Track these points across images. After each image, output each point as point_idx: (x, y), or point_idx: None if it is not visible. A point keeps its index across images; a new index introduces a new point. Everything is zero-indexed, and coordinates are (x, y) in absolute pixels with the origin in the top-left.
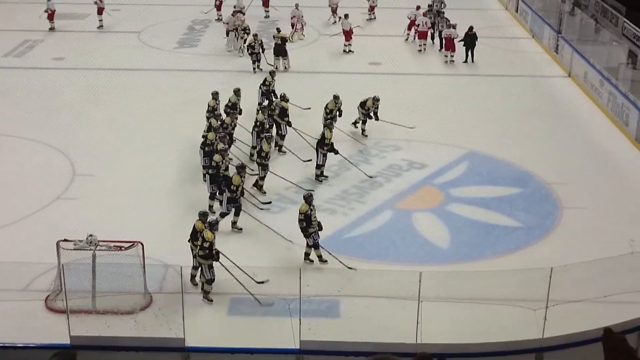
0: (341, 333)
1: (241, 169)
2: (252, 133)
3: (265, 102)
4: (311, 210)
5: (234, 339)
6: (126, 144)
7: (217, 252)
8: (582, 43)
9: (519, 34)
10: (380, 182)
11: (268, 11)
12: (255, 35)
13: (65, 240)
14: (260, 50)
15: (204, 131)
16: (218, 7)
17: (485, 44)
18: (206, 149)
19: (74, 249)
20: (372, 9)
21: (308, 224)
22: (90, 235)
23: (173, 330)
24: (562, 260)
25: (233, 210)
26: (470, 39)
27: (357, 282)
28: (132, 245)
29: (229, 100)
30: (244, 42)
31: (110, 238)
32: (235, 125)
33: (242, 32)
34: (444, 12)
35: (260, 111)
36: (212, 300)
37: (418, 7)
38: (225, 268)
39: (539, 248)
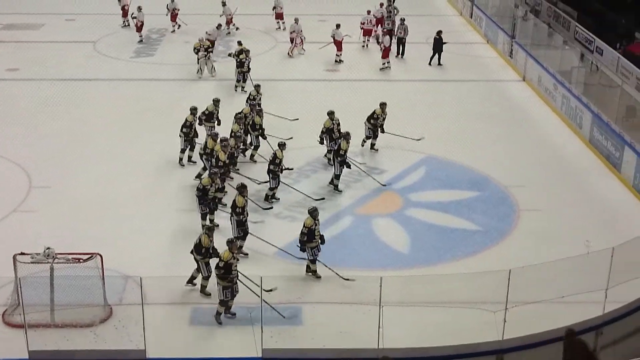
0: (303, 340)
1: (243, 188)
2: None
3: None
4: (316, 224)
5: (196, 349)
6: (83, 155)
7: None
8: (535, 47)
9: (474, 39)
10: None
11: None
12: (247, 52)
13: (22, 253)
14: (248, 69)
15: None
16: (173, 19)
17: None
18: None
19: (31, 262)
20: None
21: (310, 238)
22: (48, 248)
23: (134, 342)
24: (520, 262)
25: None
26: (437, 43)
27: (318, 289)
28: (91, 257)
29: (206, 109)
30: (237, 57)
31: (68, 250)
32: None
33: (205, 52)
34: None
35: (235, 121)
36: (221, 323)
37: (369, 12)
38: (244, 284)
39: (497, 250)
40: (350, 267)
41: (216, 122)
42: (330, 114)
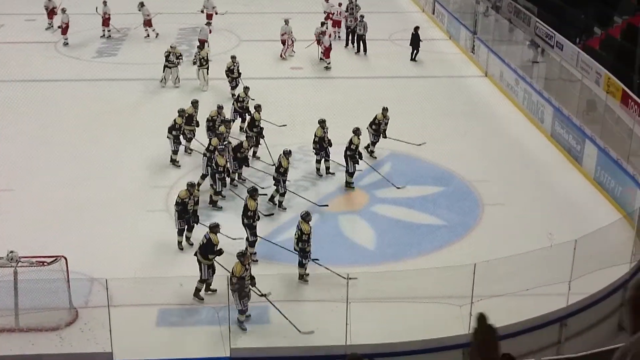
0: (271, 339)
1: (254, 192)
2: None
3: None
4: (310, 229)
5: (164, 351)
6: (47, 157)
7: (252, 277)
8: (497, 43)
9: (436, 35)
10: (305, 186)
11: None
12: (233, 57)
13: None
14: (239, 74)
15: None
16: (105, 22)
17: (404, 46)
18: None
19: None
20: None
21: (307, 244)
22: (11, 252)
23: (100, 345)
24: (485, 256)
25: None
26: (414, 39)
27: (286, 287)
28: (55, 260)
29: (185, 112)
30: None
31: (32, 254)
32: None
33: (176, 59)
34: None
35: (223, 124)
36: (245, 329)
37: (340, 4)
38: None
39: (462, 245)
40: (317, 264)
41: (195, 125)
42: (322, 122)
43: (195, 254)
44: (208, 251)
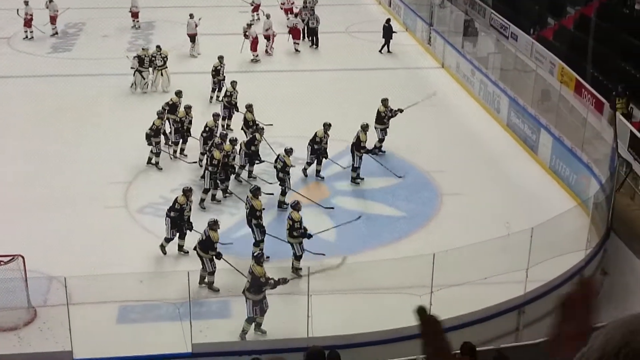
0: (233, 333)
1: (257, 190)
2: (199, 139)
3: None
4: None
5: (125, 348)
6: (1, 154)
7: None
8: (453, 35)
9: (393, 27)
10: (266, 179)
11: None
12: (220, 58)
13: None
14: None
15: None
16: (27, 24)
17: (361, 39)
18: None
19: None
20: (256, 8)
21: (299, 232)
22: None
23: (60, 344)
24: (443, 246)
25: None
26: (386, 31)
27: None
28: (12, 259)
29: (170, 100)
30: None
31: None
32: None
33: (162, 61)
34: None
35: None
36: (265, 332)
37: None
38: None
39: (421, 235)
40: (278, 258)
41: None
42: (327, 126)
43: (195, 249)
44: (208, 247)
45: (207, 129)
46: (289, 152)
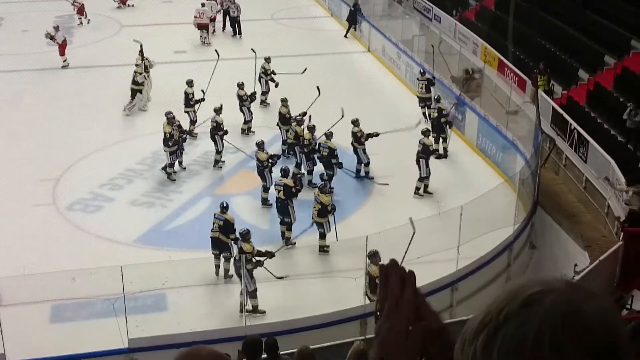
0: (170, 326)
1: (324, 187)
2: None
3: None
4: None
5: (60, 347)
6: None
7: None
8: (377, 19)
9: (318, 13)
10: (196, 170)
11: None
12: (267, 60)
13: None
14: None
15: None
16: None
17: (286, 25)
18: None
19: None
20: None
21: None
22: None
23: None
24: (376, 227)
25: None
26: (351, 15)
27: (182, 273)
28: None
29: (172, 115)
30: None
31: None
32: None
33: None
34: None
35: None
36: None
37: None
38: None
39: (354, 219)
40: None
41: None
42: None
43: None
44: (229, 231)
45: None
46: (311, 129)
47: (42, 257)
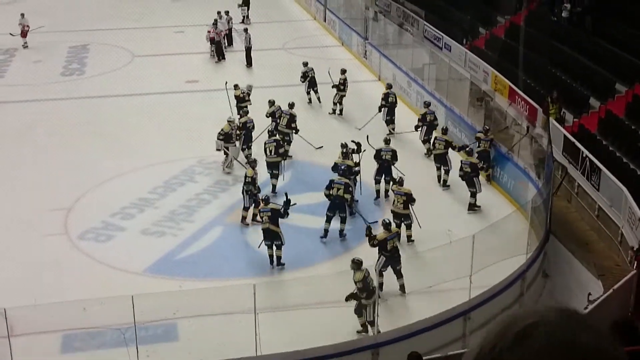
0: (181, 356)
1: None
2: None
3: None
4: None
5: None
6: None
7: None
8: (387, 47)
9: (329, 42)
10: (208, 199)
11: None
12: (310, 69)
13: None
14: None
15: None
16: (23, 35)
17: (297, 54)
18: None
19: None
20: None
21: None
22: None
23: None
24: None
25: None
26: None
27: (193, 302)
28: None
29: (223, 130)
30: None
31: None
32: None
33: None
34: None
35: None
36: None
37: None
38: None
39: (366, 247)
40: (223, 277)
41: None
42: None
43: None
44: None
45: (223, 132)
46: (359, 146)
47: (53, 287)
